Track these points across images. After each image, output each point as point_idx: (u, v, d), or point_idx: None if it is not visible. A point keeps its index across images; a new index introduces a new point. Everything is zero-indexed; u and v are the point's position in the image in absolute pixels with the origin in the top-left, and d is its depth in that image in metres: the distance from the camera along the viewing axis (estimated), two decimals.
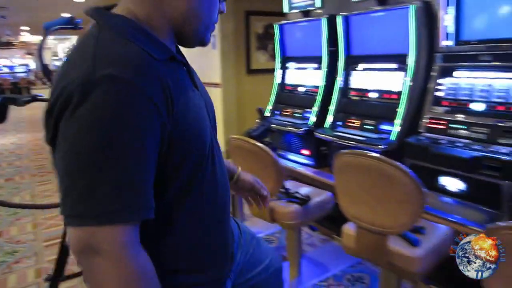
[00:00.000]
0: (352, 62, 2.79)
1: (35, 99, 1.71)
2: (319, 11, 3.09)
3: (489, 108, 1.95)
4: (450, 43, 2.08)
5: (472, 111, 2.02)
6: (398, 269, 1.64)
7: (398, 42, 2.38)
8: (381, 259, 1.66)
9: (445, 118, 2.11)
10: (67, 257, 1.87)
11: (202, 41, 0.91)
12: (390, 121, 2.41)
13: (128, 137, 0.67)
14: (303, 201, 2.15)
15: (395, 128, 2.36)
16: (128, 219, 0.68)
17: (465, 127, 2.01)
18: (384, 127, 2.49)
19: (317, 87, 3.01)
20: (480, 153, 1.83)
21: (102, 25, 0.75)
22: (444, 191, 2.07)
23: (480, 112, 1.99)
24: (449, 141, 2.03)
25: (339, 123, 2.79)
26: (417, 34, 2.25)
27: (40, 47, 1.74)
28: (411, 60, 2.30)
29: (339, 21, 2.72)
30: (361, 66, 2.75)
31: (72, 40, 20.47)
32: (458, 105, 2.08)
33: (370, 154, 1.53)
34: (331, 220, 1.93)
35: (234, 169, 1.21)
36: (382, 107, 2.56)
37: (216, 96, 5.31)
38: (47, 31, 1.70)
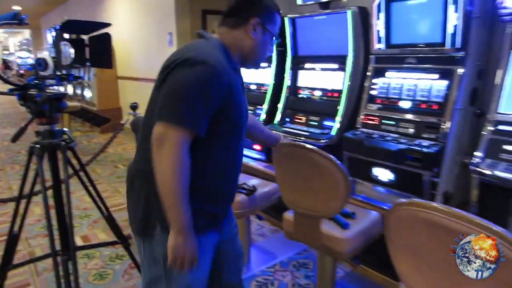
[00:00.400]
0: (298, 62, 2.96)
1: None
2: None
3: (415, 106, 2.18)
4: (381, 46, 2.29)
5: (400, 108, 2.24)
6: (330, 250, 1.81)
7: (339, 44, 2.57)
8: (316, 242, 1.82)
9: (378, 114, 2.32)
10: (15, 247, 1.89)
11: (256, 67, 1.46)
12: (333, 118, 2.60)
13: (205, 89, 1.16)
14: (250, 191, 2.28)
15: (336, 124, 2.55)
16: (188, 127, 1.14)
17: (394, 123, 2.22)
18: (327, 123, 2.68)
19: (267, 85, 3.15)
20: (405, 145, 2.05)
21: (207, 39, 1.32)
22: (377, 181, 2.28)
23: (407, 110, 2.21)
24: (381, 135, 2.24)
25: (287, 119, 2.96)
26: (354, 37, 2.45)
27: None
28: (349, 61, 2.50)
29: (286, 23, 2.88)
30: (307, 65, 2.93)
31: (24, 34, 19.53)
32: (389, 103, 2.29)
33: (304, 146, 1.68)
34: (280, 211, 2.08)
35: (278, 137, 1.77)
36: (325, 105, 2.75)
37: None
38: None
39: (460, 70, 1.99)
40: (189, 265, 1.23)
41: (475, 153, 1.82)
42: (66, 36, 1.76)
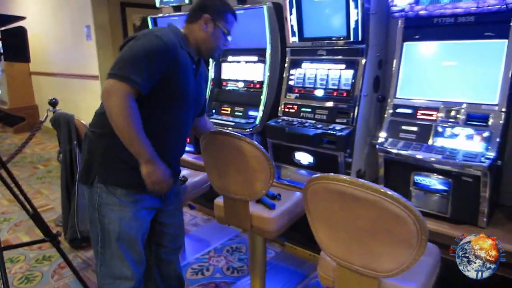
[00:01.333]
0: (221, 55, 3.05)
1: None
2: (189, 6, 3.28)
3: (327, 94, 2.40)
4: (295, 39, 2.48)
5: (315, 96, 2.45)
6: (259, 229, 1.96)
7: (257, 37, 2.70)
8: (246, 223, 1.96)
9: (296, 103, 2.51)
10: None
11: (212, 57, 1.84)
12: (256, 108, 2.75)
13: (152, 57, 1.40)
14: (181, 181, 2.35)
15: (259, 113, 2.70)
16: (132, 84, 1.36)
17: (311, 110, 2.43)
18: (251, 113, 2.83)
19: None
20: (321, 130, 2.26)
21: (170, 26, 1.60)
22: (299, 164, 2.48)
23: (321, 98, 2.42)
24: (300, 122, 2.43)
25: (213, 110, 3.05)
26: (270, 31, 2.61)
27: None
28: (268, 54, 2.66)
29: None
30: (230, 58, 3.04)
31: None
32: (305, 92, 2.49)
33: (229, 133, 1.80)
34: (212, 200, 2.18)
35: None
36: (248, 96, 2.89)
37: (93, 89, 5.14)
38: None
39: (363, 61, 2.24)
40: (165, 185, 1.52)
41: (380, 134, 2.08)
42: None
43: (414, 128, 1.99)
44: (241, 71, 2.97)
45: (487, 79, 1.85)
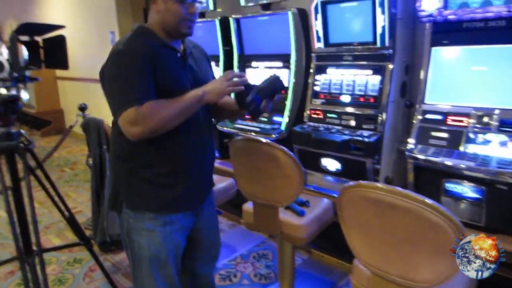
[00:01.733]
0: (245, 61, 3.08)
1: None
2: (213, 14, 3.33)
3: (354, 100, 2.39)
4: (321, 45, 2.49)
5: (342, 102, 2.45)
6: (289, 236, 1.97)
7: (282, 43, 2.72)
8: (275, 229, 1.98)
9: (322, 109, 2.51)
10: None
11: (185, 35, 1.46)
12: (281, 113, 2.76)
13: (131, 68, 1.32)
14: None
15: (285, 119, 2.72)
16: (140, 100, 1.27)
17: (337, 116, 2.43)
18: (277, 118, 2.84)
19: None
20: (349, 136, 2.25)
21: (133, 28, 1.44)
22: (326, 171, 2.48)
23: (347, 103, 2.42)
24: (326, 128, 2.43)
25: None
26: (296, 36, 2.63)
27: None
28: (293, 60, 2.67)
29: (232, 23, 2.98)
30: (254, 64, 3.06)
31: None
32: (331, 97, 2.50)
33: (259, 140, 1.82)
34: (237, 206, 2.20)
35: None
36: (273, 101, 2.89)
37: None
38: None
39: (390, 66, 2.23)
40: (228, 77, 1.44)
41: (408, 140, 2.07)
42: (21, 38, 1.76)
43: (445, 135, 1.97)
44: (265, 77, 2.98)
45: None
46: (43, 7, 7.04)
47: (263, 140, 1.81)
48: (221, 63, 3.20)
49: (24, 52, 1.78)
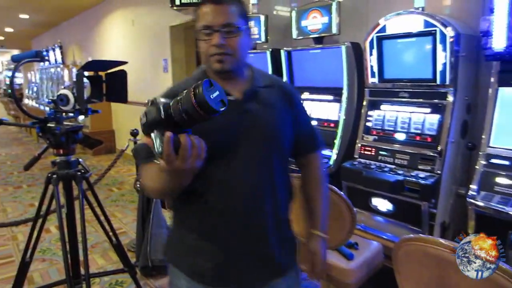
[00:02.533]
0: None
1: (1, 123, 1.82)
2: (264, 45, 3.37)
3: (409, 138, 2.28)
4: (375, 80, 2.41)
5: (396, 140, 2.34)
6: (335, 280, 1.86)
7: (333, 76, 2.68)
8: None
9: (374, 146, 2.41)
10: (25, 275, 1.93)
11: (215, 70, 1.18)
12: (330, 147, 2.69)
13: None
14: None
15: (334, 154, 2.64)
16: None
17: (390, 154, 2.32)
18: (325, 152, 2.76)
19: None
20: (403, 177, 2.14)
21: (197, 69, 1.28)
22: (376, 211, 2.35)
23: (402, 141, 2.31)
24: (378, 166, 2.32)
25: None
26: (348, 71, 2.57)
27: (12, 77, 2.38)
28: (344, 93, 2.61)
29: (282, 55, 2.99)
30: (303, 96, 3.03)
31: (12, 53, 19.28)
32: (384, 134, 2.40)
33: None
34: None
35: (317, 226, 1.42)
36: (322, 135, 2.82)
37: None
38: (17, 64, 1.84)
39: (451, 105, 2.11)
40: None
41: (470, 186, 1.91)
42: (86, 73, 1.86)
43: None
44: (315, 109, 2.94)
45: None
46: (103, 34, 7.52)
47: None
48: None
49: (89, 86, 1.88)
